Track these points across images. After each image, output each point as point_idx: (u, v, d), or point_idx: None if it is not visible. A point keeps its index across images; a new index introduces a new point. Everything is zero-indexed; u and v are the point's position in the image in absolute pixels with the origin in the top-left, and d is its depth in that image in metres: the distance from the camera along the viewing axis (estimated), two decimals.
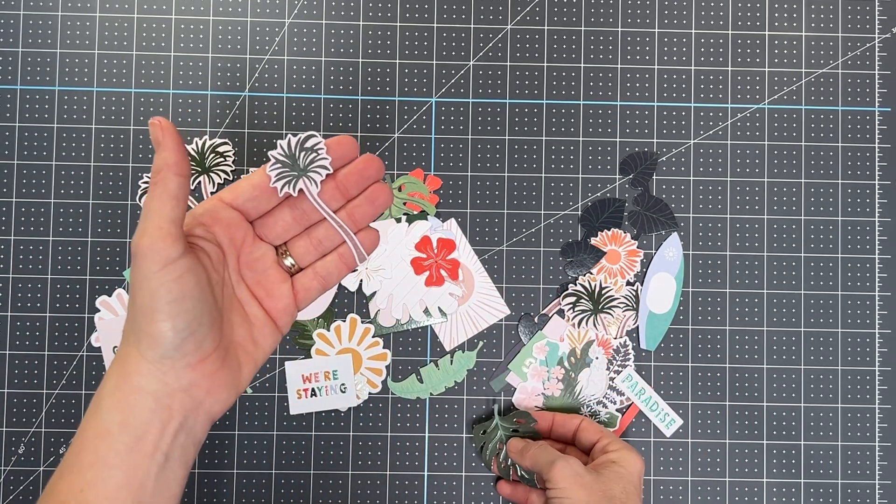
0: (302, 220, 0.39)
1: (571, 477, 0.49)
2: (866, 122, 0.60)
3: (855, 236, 0.60)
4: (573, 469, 0.49)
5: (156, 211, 0.34)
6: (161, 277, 0.33)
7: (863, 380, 0.59)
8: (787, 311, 0.59)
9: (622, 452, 0.51)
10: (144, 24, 0.59)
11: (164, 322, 0.33)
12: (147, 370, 0.34)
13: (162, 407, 0.35)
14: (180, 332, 0.34)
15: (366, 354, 0.58)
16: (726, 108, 0.60)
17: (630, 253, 0.59)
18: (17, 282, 0.58)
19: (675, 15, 0.60)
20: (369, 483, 0.58)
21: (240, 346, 0.38)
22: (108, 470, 0.34)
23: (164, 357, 0.34)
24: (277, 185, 0.37)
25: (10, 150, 0.58)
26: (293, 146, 0.37)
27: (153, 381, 0.34)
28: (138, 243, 0.33)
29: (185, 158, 0.35)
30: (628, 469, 0.50)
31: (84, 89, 0.59)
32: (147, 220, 0.34)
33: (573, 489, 0.48)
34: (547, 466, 0.50)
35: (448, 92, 0.60)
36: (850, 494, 0.58)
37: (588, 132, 0.60)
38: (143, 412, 0.34)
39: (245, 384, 0.38)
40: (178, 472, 0.36)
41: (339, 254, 0.41)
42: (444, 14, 0.60)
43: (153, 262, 0.33)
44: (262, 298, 0.39)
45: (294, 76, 0.59)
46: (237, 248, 0.39)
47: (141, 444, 0.34)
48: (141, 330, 0.34)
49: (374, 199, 0.40)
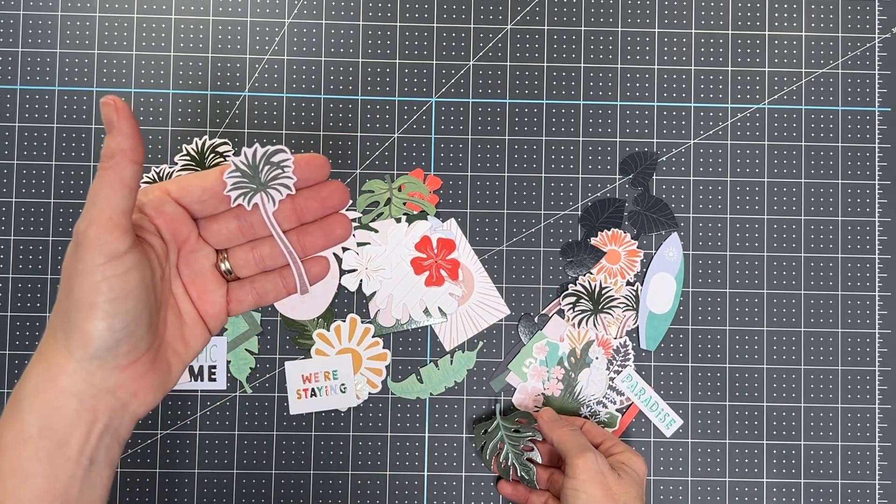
0: (248, 233, 0.37)
1: (595, 472, 0.48)
2: (866, 122, 0.60)
3: (855, 236, 0.60)
4: (599, 466, 0.49)
5: (106, 199, 0.31)
6: (105, 272, 0.31)
7: (863, 380, 0.59)
8: (787, 311, 0.59)
9: (628, 455, 0.51)
10: (144, 24, 0.59)
11: (100, 321, 0.31)
12: (73, 370, 0.32)
13: (87, 409, 0.32)
14: (116, 332, 0.32)
15: (366, 354, 0.58)
16: (726, 108, 0.60)
17: (630, 253, 0.59)
18: (17, 282, 0.58)
19: (675, 15, 0.60)
20: (369, 483, 0.58)
21: (170, 346, 0.36)
22: (29, 478, 0.32)
23: (93, 357, 0.32)
24: (232, 195, 0.35)
25: (10, 150, 0.58)
26: (258, 157, 0.35)
27: (79, 382, 0.32)
28: (84, 232, 0.31)
29: (141, 144, 0.32)
30: (638, 473, 0.50)
31: (84, 89, 0.59)
32: (95, 207, 0.31)
33: (591, 484, 0.48)
34: (574, 452, 0.49)
35: (448, 92, 0.60)
36: (850, 494, 0.58)
37: (588, 132, 0.60)
38: (66, 415, 0.32)
39: (172, 385, 0.36)
40: (103, 473, 0.34)
41: (281, 275, 0.38)
42: (444, 14, 0.60)
43: (99, 254, 0.31)
44: (194, 298, 0.37)
45: (294, 76, 0.59)
46: (179, 244, 0.36)
47: (64, 449, 0.32)
48: (74, 326, 0.32)
49: (330, 232, 0.37)
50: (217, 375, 0.57)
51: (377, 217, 0.59)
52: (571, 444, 0.50)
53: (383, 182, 0.59)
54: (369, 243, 0.58)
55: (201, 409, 0.58)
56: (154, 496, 0.57)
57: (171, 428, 0.58)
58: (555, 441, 0.52)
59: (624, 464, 0.50)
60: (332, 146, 0.59)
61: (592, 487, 0.47)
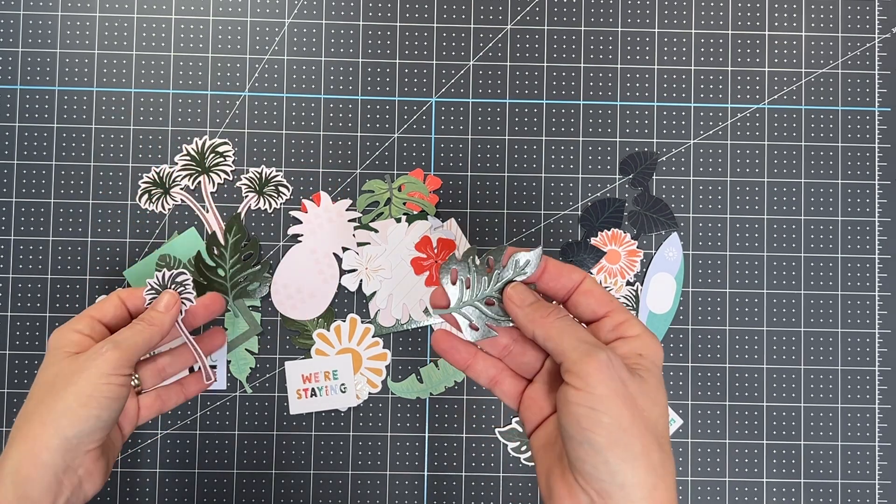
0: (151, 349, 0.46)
1: (614, 383, 0.33)
2: (866, 122, 0.60)
3: (855, 236, 0.60)
4: (618, 371, 0.33)
5: (135, 345, 0.43)
6: (110, 380, 0.41)
7: (863, 380, 0.59)
8: (787, 311, 0.59)
9: (644, 340, 0.35)
10: (144, 24, 0.59)
11: (95, 409, 0.40)
12: (57, 446, 0.39)
13: (57, 482, 0.40)
14: (101, 422, 0.41)
15: (366, 354, 0.58)
16: (726, 108, 0.60)
17: (630, 253, 0.59)
18: (17, 282, 0.58)
19: (675, 15, 0.60)
20: (369, 483, 0.58)
21: (109, 442, 0.45)
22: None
23: (78, 437, 0.40)
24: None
25: (10, 150, 0.58)
26: (166, 279, 0.46)
27: (58, 458, 0.40)
28: (105, 355, 0.41)
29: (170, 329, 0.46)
30: (658, 365, 0.35)
31: (84, 89, 0.59)
32: (123, 345, 0.42)
33: (614, 402, 0.32)
34: (577, 354, 0.34)
35: (448, 92, 0.60)
36: (849, 494, 0.58)
37: (588, 132, 0.60)
38: (42, 486, 0.39)
39: (107, 475, 0.44)
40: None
41: (181, 384, 0.50)
42: (444, 14, 0.60)
43: (109, 372, 0.41)
44: None
45: (294, 76, 0.59)
46: None
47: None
48: (69, 410, 0.40)
49: (213, 341, 0.51)
50: (217, 375, 0.57)
51: (377, 217, 0.59)
52: (570, 341, 0.34)
53: (383, 182, 0.59)
54: (369, 243, 0.58)
55: (201, 409, 0.58)
56: (154, 496, 0.57)
57: (171, 428, 0.58)
58: (540, 337, 0.36)
59: (642, 356, 0.35)
60: (332, 146, 0.59)
61: (616, 406, 0.32)
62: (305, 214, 0.58)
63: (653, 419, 0.33)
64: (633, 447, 0.32)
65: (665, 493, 0.32)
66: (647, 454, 0.32)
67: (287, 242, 0.58)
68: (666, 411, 0.35)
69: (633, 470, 0.32)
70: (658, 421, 0.34)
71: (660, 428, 0.34)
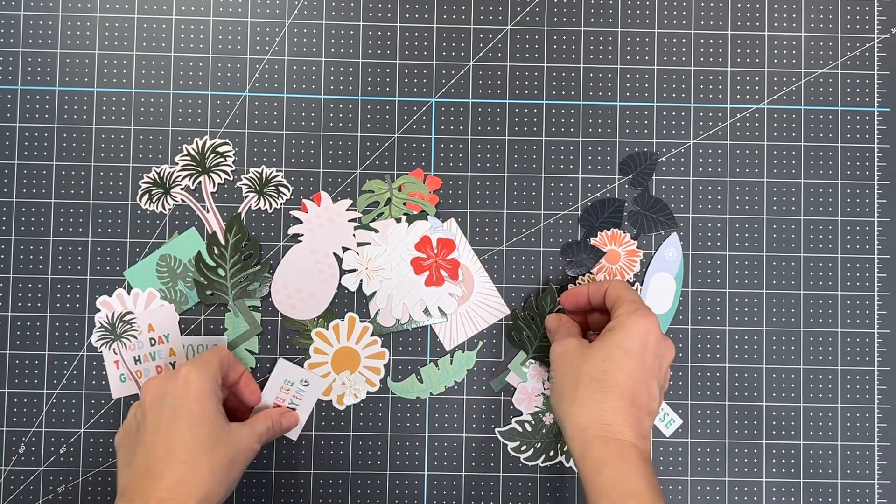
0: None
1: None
2: (866, 123, 0.60)
3: (854, 236, 0.60)
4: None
5: (261, 433, 0.51)
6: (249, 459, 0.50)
7: (862, 380, 0.59)
8: (786, 311, 0.59)
9: (623, 318, 0.48)
10: (144, 24, 0.59)
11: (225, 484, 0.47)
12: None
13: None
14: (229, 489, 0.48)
15: (364, 353, 0.58)
16: (726, 109, 0.60)
17: (630, 253, 0.59)
18: (17, 282, 0.58)
19: (675, 15, 0.60)
20: (369, 483, 0.58)
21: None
22: None
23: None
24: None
25: (10, 150, 0.58)
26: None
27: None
28: (248, 445, 0.49)
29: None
30: (622, 334, 0.48)
31: (84, 89, 0.59)
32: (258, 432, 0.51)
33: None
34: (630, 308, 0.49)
35: (448, 92, 0.60)
36: (849, 494, 0.58)
37: (588, 132, 0.60)
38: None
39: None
40: None
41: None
42: (444, 14, 0.60)
43: (252, 454, 0.50)
44: None
45: (294, 76, 0.59)
46: None
47: None
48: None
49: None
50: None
51: (377, 217, 0.59)
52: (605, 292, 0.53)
53: (383, 182, 0.59)
54: (369, 243, 0.58)
55: None
56: None
57: None
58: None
59: (609, 330, 0.49)
60: (332, 146, 0.59)
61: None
62: (306, 214, 0.58)
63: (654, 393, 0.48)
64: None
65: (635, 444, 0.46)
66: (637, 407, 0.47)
67: (287, 242, 0.58)
68: (613, 357, 0.47)
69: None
70: (587, 371, 0.48)
71: (653, 407, 0.48)
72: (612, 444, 0.45)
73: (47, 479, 0.57)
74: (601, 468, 0.44)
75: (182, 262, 0.58)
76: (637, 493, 0.43)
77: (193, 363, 0.49)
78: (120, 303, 0.57)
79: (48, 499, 0.57)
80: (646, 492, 0.43)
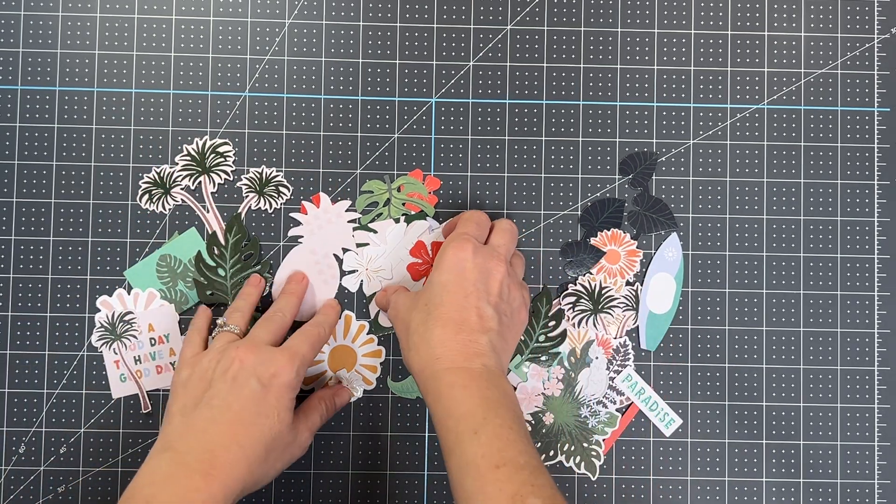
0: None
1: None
2: (865, 123, 0.60)
3: (854, 236, 0.60)
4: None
5: (316, 426, 0.53)
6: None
7: (862, 380, 0.59)
8: (786, 311, 0.59)
9: (438, 255, 0.51)
10: (144, 24, 0.59)
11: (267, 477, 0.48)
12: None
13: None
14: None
15: (360, 351, 0.58)
16: (726, 109, 0.60)
17: (630, 253, 0.59)
18: (17, 282, 0.58)
19: (675, 15, 0.60)
20: (369, 483, 0.58)
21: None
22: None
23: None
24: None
25: (10, 150, 0.58)
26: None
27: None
28: (300, 445, 0.50)
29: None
30: (436, 272, 0.50)
31: (84, 89, 0.59)
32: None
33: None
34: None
35: (448, 92, 0.60)
36: (849, 494, 0.58)
37: (588, 132, 0.60)
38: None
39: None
40: None
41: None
42: (444, 14, 0.60)
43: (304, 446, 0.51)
44: None
45: (294, 76, 0.59)
46: None
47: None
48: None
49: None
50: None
51: (376, 217, 0.59)
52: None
53: (383, 182, 0.59)
54: (368, 244, 0.58)
55: None
56: None
57: None
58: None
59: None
60: (332, 146, 0.59)
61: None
62: (305, 216, 0.58)
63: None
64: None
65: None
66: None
67: (287, 243, 0.59)
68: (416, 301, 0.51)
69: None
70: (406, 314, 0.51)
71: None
72: (443, 375, 0.46)
73: (47, 479, 0.57)
74: (437, 402, 0.46)
75: (182, 262, 0.58)
76: (469, 413, 0.44)
77: (292, 358, 0.48)
78: (120, 303, 0.57)
79: (48, 499, 0.57)
80: (477, 409, 0.44)
